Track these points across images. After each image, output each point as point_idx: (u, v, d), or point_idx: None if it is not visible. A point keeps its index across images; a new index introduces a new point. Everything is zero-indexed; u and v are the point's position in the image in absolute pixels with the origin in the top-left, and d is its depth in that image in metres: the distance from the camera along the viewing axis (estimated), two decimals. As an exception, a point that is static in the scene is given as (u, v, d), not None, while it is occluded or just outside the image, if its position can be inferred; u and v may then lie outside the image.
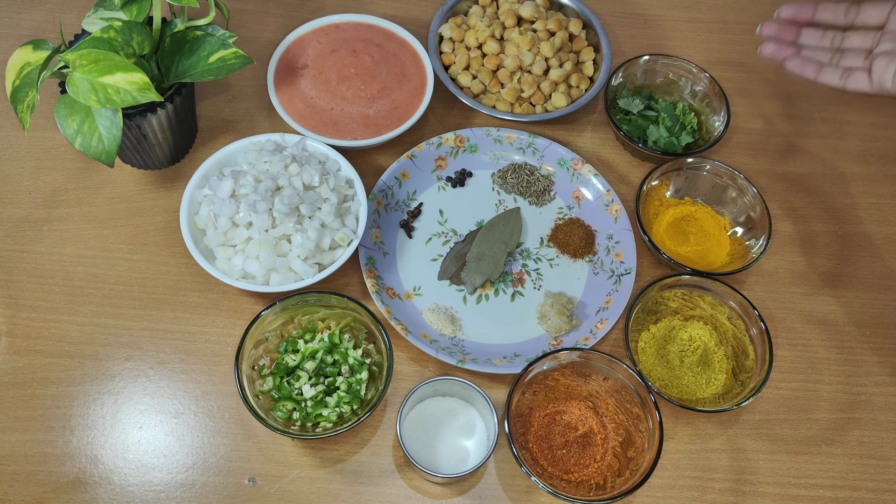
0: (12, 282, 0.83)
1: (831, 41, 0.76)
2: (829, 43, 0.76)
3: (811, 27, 0.77)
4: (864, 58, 0.74)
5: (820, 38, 0.77)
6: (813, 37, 0.77)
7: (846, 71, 0.74)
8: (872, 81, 0.73)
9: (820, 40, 0.77)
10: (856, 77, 0.73)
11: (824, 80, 0.74)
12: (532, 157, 0.94)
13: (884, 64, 0.72)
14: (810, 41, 0.77)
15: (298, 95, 0.91)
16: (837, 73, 0.74)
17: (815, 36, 0.77)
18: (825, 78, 0.74)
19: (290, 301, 0.75)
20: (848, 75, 0.74)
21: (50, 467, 0.74)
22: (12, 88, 0.77)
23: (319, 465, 0.76)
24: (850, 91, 0.74)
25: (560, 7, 1.02)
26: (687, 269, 0.84)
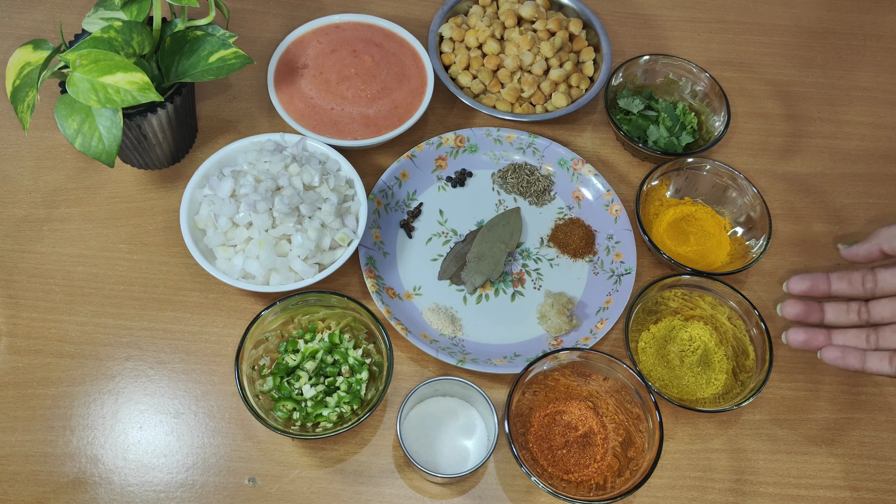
0: (12, 282, 0.83)
1: (858, 314, 0.67)
2: (857, 317, 0.67)
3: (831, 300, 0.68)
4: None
5: (846, 313, 0.68)
6: (838, 312, 0.68)
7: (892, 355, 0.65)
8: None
9: (846, 315, 0.68)
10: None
11: (873, 368, 0.65)
12: (532, 157, 0.94)
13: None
14: (836, 318, 0.68)
15: (298, 95, 0.91)
16: (885, 358, 0.65)
17: (839, 311, 0.68)
18: (874, 366, 0.65)
19: (290, 301, 0.75)
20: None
21: (50, 467, 0.74)
22: (12, 88, 0.77)
23: (319, 465, 0.76)
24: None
25: (560, 7, 1.02)
26: (687, 269, 0.84)
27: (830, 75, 1.06)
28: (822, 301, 0.67)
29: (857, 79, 1.06)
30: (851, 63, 1.07)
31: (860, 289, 0.66)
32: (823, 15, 1.11)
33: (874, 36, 1.10)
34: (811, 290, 0.67)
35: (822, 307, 0.67)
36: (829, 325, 0.67)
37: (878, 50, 1.09)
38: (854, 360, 0.65)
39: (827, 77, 1.05)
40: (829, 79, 1.05)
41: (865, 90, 1.05)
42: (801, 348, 0.67)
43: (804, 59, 1.07)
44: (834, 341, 0.67)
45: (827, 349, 0.66)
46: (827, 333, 0.67)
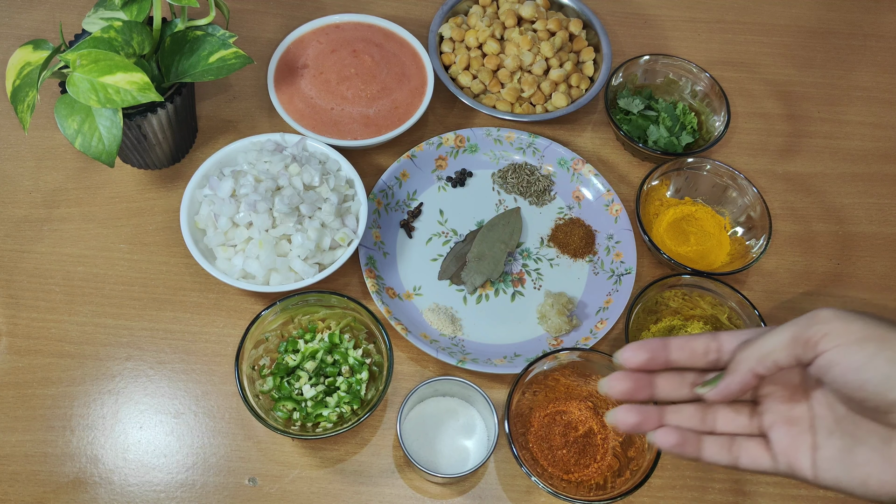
0: (12, 282, 0.83)
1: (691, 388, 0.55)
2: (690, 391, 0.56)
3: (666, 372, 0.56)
4: (748, 416, 0.55)
5: (678, 385, 0.56)
6: (670, 385, 0.56)
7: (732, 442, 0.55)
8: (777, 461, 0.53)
9: (678, 388, 0.56)
10: (750, 452, 0.54)
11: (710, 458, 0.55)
12: (532, 157, 0.94)
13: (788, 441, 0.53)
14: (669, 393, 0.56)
15: (298, 95, 0.91)
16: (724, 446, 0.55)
17: (673, 384, 0.56)
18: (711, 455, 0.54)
19: (290, 301, 0.75)
20: (737, 449, 0.54)
21: (50, 467, 0.74)
22: (12, 88, 0.77)
23: (319, 465, 0.76)
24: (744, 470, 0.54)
25: (560, 7, 1.02)
26: (687, 269, 0.84)
27: (830, 75, 1.06)
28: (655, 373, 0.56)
29: (857, 79, 1.06)
30: (851, 63, 1.07)
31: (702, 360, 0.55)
32: (823, 15, 1.11)
33: (874, 36, 1.10)
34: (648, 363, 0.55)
35: (652, 380, 0.56)
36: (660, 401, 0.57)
37: (878, 50, 1.09)
38: (691, 448, 0.55)
39: (827, 77, 1.05)
40: (829, 79, 1.05)
41: (865, 90, 1.05)
42: (632, 431, 0.56)
43: (804, 59, 1.07)
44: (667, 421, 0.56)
45: (662, 433, 0.54)
46: (660, 412, 0.56)
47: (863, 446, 0.50)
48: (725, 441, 0.55)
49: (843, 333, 0.48)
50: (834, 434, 0.51)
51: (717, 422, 0.56)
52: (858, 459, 0.50)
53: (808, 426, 0.53)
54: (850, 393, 0.48)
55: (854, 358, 0.47)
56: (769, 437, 0.54)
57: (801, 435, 0.53)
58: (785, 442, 0.53)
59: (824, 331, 0.48)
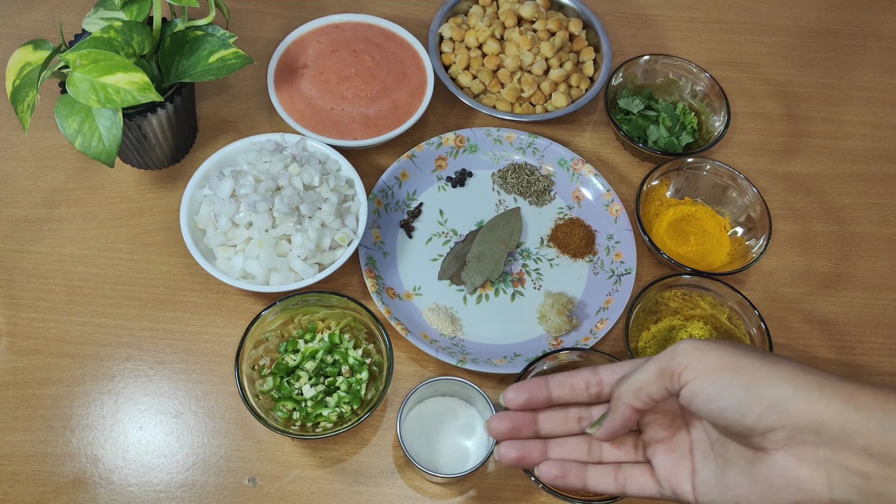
0: (12, 282, 0.83)
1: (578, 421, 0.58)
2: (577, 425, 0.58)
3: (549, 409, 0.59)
4: (633, 446, 0.57)
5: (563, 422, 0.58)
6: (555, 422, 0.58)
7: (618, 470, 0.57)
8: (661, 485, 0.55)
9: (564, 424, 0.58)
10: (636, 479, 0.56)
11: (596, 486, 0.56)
12: (532, 157, 0.94)
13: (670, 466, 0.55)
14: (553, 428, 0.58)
15: (298, 95, 0.91)
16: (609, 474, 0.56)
17: (556, 420, 0.58)
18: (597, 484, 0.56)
19: (290, 301, 0.75)
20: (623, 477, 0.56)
21: (50, 467, 0.74)
22: (12, 88, 0.77)
23: (319, 465, 0.76)
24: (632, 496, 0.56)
25: (560, 7, 1.02)
26: (687, 269, 0.84)
27: (830, 75, 1.06)
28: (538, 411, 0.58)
29: (857, 79, 1.06)
30: (851, 63, 1.07)
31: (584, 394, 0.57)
32: (823, 15, 1.11)
33: (874, 36, 1.10)
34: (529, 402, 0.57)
35: (536, 417, 0.58)
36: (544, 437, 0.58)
37: (878, 50, 1.09)
38: (574, 478, 0.56)
39: (827, 77, 1.05)
40: (829, 79, 1.05)
41: (865, 90, 1.05)
42: (517, 465, 0.57)
43: (804, 59, 1.07)
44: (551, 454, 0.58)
45: (544, 466, 0.56)
46: (543, 446, 0.57)
47: (732, 469, 0.52)
48: (611, 469, 0.57)
49: (700, 364, 0.50)
50: (709, 458, 0.54)
51: (603, 452, 0.58)
52: (730, 482, 0.52)
53: (687, 451, 0.55)
54: (714, 420, 0.51)
55: (711, 387, 0.50)
56: (653, 463, 0.56)
57: (682, 460, 0.55)
58: (667, 468, 0.55)
59: (685, 363, 0.51)
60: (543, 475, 0.57)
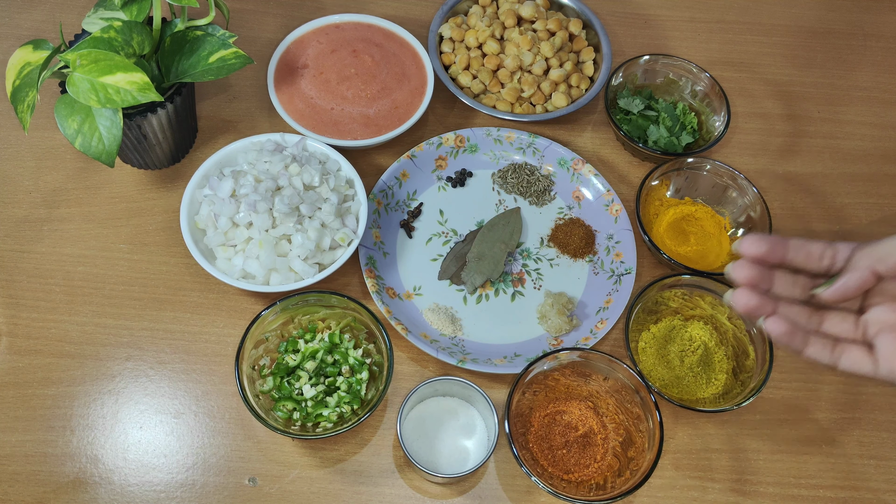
0: (12, 282, 0.83)
1: (803, 289, 0.59)
2: (800, 293, 0.59)
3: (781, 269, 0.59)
4: (854, 324, 0.58)
5: (791, 286, 0.59)
6: (784, 284, 0.59)
7: (836, 344, 0.58)
8: (879, 366, 0.56)
9: (791, 288, 0.59)
10: (852, 356, 0.57)
11: (812, 356, 0.58)
12: (532, 157, 0.94)
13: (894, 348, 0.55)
14: (783, 290, 0.59)
15: (298, 95, 0.91)
16: (827, 346, 0.58)
17: (786, 282, 0.59)
18: (814, 353, 0.58)
19: (290, 301, 0.75)
20: (840, 351, 0.58)
21: (50, 467, 0.74)
22: (12, 88, 0.77)
23: (319, 465, 0.76)
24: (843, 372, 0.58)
25: (560, 7, 1.02)
26: (687, 269, 0.84)
27: (830, 75, 1.06)
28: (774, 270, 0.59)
29: (857, 79, 1.06)
30: (851, 63, 1.07)
31: (817, 263, 0.58)
32: (823, 15, 1.11)
33: (874, 36, 1.10)
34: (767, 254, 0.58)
35: (772, 274, 0.58)
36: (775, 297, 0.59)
37: (878, 50, 1.09)
38: (798, 339, 0.57)
39: (827, 77, 1.05)
40: (829, 79, 1.05)
41: (865, 90, 1.05)
42: (747, 313, 0.58)
43: (804, 59, 1.07)
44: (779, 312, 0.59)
45: (773, 321, 0.57)
46: (774, 302, 0.58)
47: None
48: (829, 342, 0.58)
49: None
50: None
51: (823, 324, 0.59)
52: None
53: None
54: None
55: None
56: (874, 344, 0.56)
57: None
58: (891, 349, 0.55)
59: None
60: (771, 329, 0.57)
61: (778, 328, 0.57)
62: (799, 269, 0.59)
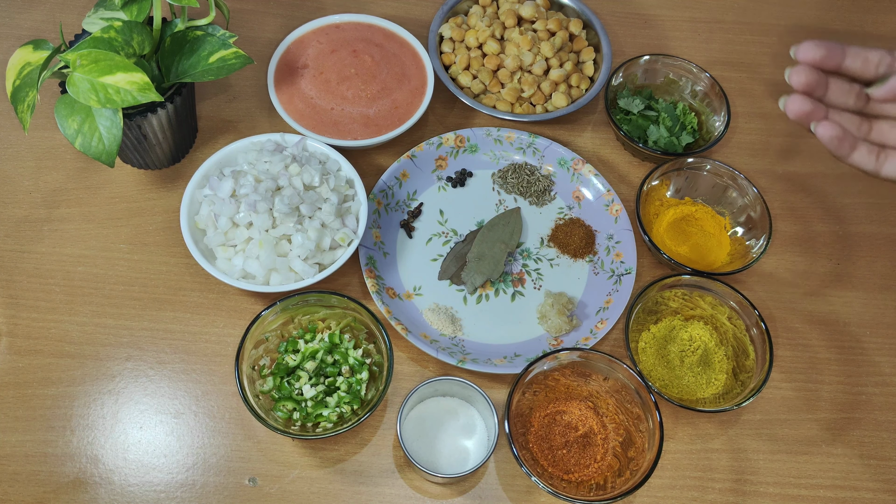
0: (12, 282, 0.83)
1: (856, 98, 0.60)
2: (854, 101, 0.60)
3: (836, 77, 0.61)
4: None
5: (846, 94, 0.60)
6: (839, 91, 0.60)
7: (881, 151, 0.60)
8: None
9: (845, 96, 0.60)
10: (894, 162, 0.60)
11: (856, 161, 0.60)
12: (532, 157, 0.94)
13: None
14: (837, 99, 0.60)
15: (298, 95, 0.91)
16: (873, 153, 0.60)
17: (841, 91, 0.60)
18: (858, 159, 0.60)
19: (290, 301, 0.75)
20: (884, 158, 0.60)
21: (50, 467, 0.74)
22: (12, 88, 0.77)
23: (319, 465, 0.76)
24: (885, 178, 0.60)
25: (560, 7, 1.02)
26: (687, 269, 0.84)
27: (830, 75, 1.05)
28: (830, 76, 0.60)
29: (857, 79, 1.06)
30: (851, 63, 1.07)
31: (872, 71, 0.59)
32: (823, 15, 1.11)
33: (874, 36, 1.10)
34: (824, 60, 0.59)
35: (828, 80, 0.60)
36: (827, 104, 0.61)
37: (878, 50, 1.08)
38: (847, 144, 0.59)
39: (827, 77, 1.05)
40: (829, 79, 1.05)
41: (865, 90, 1.05)
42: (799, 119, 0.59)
43: (804, 59, 1.07)
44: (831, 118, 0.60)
45: (825, 125, 0.58)
46: (826, 109, 0.60)
47: None
48: (875, 149, 0.60)
49: None
50: None
51: (872, 132, 0.61)
52: None
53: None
54: None
55: None
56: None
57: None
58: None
59: None
60: (822, 133, 0.58)
61: (828, 132, 0.58)
62: (855, 76, 0.60)
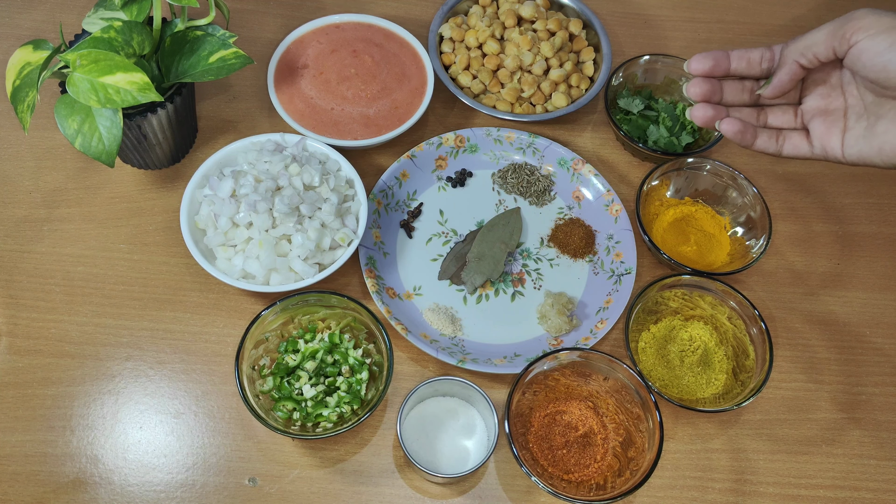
0: (12, 282, 0.83)
1: (750, 94, 0.69)
2: (749, 97, 0.69)
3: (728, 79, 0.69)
4: (794, 115, 0.68)
5: (740, 92, 0.69)
6: (733, 91, 0.69)
7: (779, 134, 0.68)
8: (813, 147, 0.66)
9: (740, 94, 0.69)
10: (793, 142, 0.67)
11: (760, 147, 0.68)
12: (532, 157, 0.94)
13: (824, 128, 0.65)
14: (732, 97, 0.69)
15: (298, 95, 0.91)
16: (772, 137, 0.68)
17: (734, 89, 0.69)
18: (761, 145, 0.68)
19: (290, 301, 0.75)
20: (783, 140, 0.68)
21: (50, 467, 0.74)
22: (12, 88, 0.77)
23: (319, 465, 0.76)
24: (787, 157, 0.68)
25: (560, 7, 1.02)
26: (687, 269, 0.84)
27: (830, 75, 1.05)
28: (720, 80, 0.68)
29: (857, 79, 1.06)
30: (851, 63, 1.07)
31: (758, 68, 0.67)
32: (823, 15, 1.11)
33: (874, 36, 1.10)
34: (713, 69, 0.67)
35: (721, 85, 0.68)
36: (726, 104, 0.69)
37: (878, 50, 1.08)
38: (749, 135, 0.67)
39: (827, 77, 1.05)
40: (829, 79, 1.05)
41: (865, 90, 1.05)
42: (705, 124, 0.67)
43: (804, 59, 1.07)
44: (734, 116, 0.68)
45: (727, 121, 0.66)
46: (726, 110, 0.68)
47: (882, 120, 0.61)
48: (774, 133, 0.68)
49: (873, 25, 0.59)
50: (861, 118, 0.63)
51: (769, 119, 0.69)
52: (878, 130, 0.61)
53: (841, 115, 0.65)
54: (876, 76, 0.60)
55: (880, 45, 0.58)
56: (809, 127, 0.66)
57: (836, 122, 0.65)
58: (821, 129, 0.65)
59: (858, 25, 0.59)
60: (726, 129, 0.66)
61: (731, 128, 0.66)
62: (744, 75, 0.68)
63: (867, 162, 0.63)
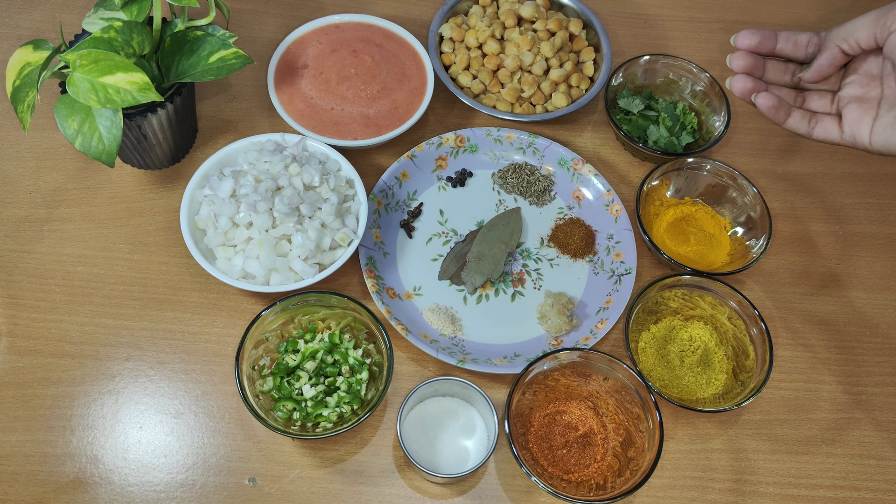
0: (12, 282, 0.83)
1: (792, 76, 0.71)
2: (790, 78, 0.72)
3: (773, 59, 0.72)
4: (830, 101, 0.70)
5: (782, 73, 0.72)
6: (776, 71, 0.72)
7: (812, 116, 0.70)
8: (843, 132, 0.68)
9: (782, 75, 0.72)
10: (825, 125, 0.69)
11: (792, 126, 0.70)
12: (532, 157, 0.94)
13: (857, 115, 0.67)
14: (774, 77, 0.72)
15: (298, 95, 0.91)
16: (805, 118, 0.70)
17: (777, 70, 0.72)
18: (793, 124, 0.70)
19: (290, 301, 0.75)
20: (815, 122, 0.70)
21: (50, 467, 0.74)
22: (12, 88, 0.77)
23: (319, 465, 0.76)
24: (816, 140, 0.70)
25: (560, 7, 1.02)
26: (687, 269, 0.84)
27: (830, 75, 1.06)
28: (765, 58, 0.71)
29: (857, 79, 1.06)
30: (851, 63, 1.07)
31: (802, 52, 0.69)
32: (823, 15, 1.11)
33: (874, 36, 1.10)
34: (759, 45, 0.69)
35: (765, 63, 0.71)
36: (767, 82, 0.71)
37: (878, 50, 1.09)
38: (783, 112, 0.69)
39: (827, 77, 1.05)
40: (829, 79, 1.05)
41: (865, 90, 1.05)
42: (743, 95, 0.70)
43: (804, 59, 1.07)
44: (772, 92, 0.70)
45: (763, 95, 0.69)
46: (765, 85, 0.71)
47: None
48: (807, 115, 0.70)
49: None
50: (893, 106, 0.65)
51: (805, 101, 0.71)
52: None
53: (875, 104, 0.66)
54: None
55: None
56: (843, 113, 0.68)
57: (869, 110, 0.66)
58: (853, 115, 0.67)
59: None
60: (761, 102, 0.69)
61: (766, 102, 0.68)
62: (789, 57, 0.70)
63: (892, 151, 0.65)
